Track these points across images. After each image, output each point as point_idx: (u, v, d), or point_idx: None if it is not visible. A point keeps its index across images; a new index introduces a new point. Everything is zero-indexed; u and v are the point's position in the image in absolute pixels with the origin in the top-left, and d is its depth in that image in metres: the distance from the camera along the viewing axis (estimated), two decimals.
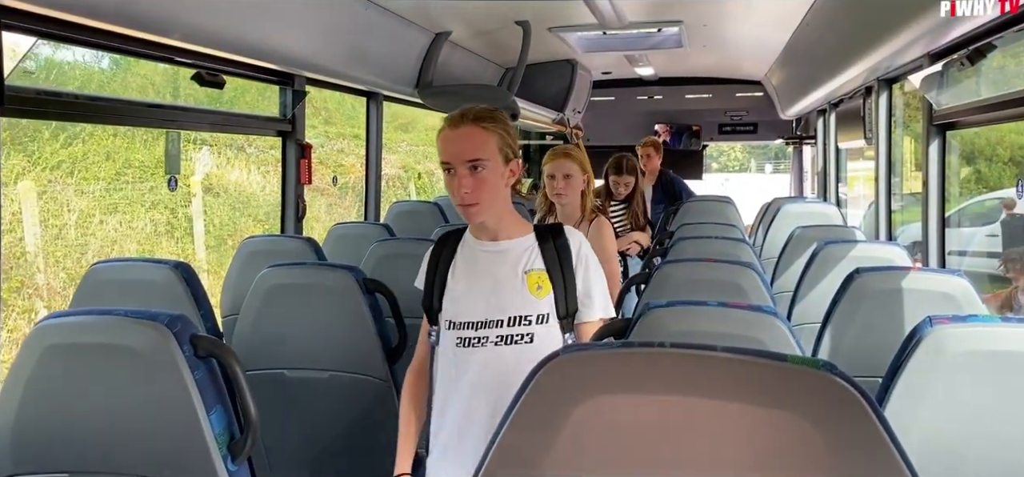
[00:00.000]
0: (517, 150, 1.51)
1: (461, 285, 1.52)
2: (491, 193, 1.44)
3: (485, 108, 1.49)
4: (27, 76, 2.10)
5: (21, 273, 4.82)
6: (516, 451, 0.72)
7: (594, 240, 2.29)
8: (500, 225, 1.51)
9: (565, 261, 1.50)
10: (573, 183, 2.43)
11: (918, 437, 1.35)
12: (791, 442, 0.66)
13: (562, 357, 0.73)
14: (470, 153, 1.42)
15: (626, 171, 3.62)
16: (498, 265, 1.50)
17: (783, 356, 0.69)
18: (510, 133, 1.50)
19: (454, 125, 1.44)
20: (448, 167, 1.44)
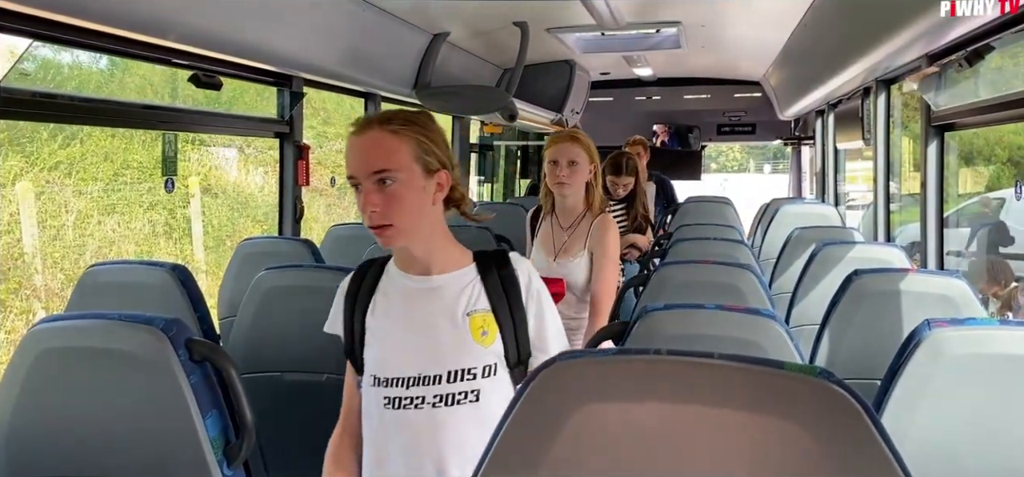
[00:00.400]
0: (447, 159, 1.25)
1: (385, 331, 1.26)
2: (409, 212, 1.20)
3: (400, 110, 1.27)
4: (24, 78, 2.10)
5: (19, 274, 4.81)
6: (511, 459, 0.72)
7: (598, 239, 2.16)
8: (431, 255, 1.25)
9: (513, 297, 1.25)
10: (578, 171, 2.20)
11: (916, 440, 1.35)
12: (788, 450, 0.66)
13: (557, 364, 0.73)
14: (377, 164, 1.18)
15: (626, 171, 3.39)
16: (432, 306, 1.24)
17: (780, 363, 0.68)
18: (432, 138, 1.23)
19: (359, 132, 1.21)
20: (354, 182, 1.21)
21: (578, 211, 2.26)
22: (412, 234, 1.22)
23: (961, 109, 2.63)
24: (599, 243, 2.19)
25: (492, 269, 1.26)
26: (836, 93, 4.40)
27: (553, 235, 2.29)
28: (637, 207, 3.43)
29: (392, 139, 1.19)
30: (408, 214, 1.20)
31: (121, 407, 1.32)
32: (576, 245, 2.22)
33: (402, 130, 1.20)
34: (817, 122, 5.59)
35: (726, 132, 6.61)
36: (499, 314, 1.24)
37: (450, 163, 1.25)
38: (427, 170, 1.22)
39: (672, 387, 0.70)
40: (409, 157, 1.20)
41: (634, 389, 0.70)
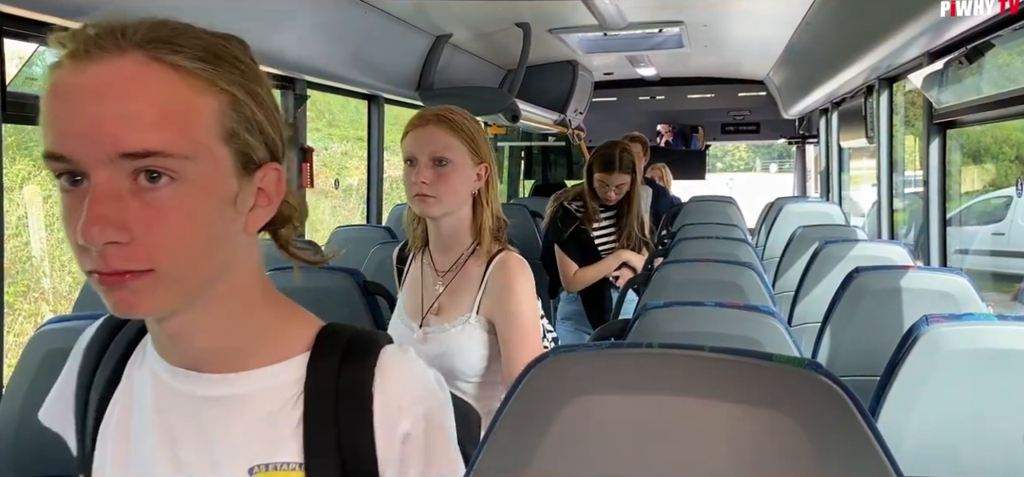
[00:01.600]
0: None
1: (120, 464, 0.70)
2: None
3: None
4: (30, 82, 2.12)
5: (27, 277, 4.85)
6: (505, 452, 0.73)
7: (499, 295, 1.38)
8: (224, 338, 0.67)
9: (357, 437, 0.65)
10: (452, 175, 1.38)
11: (915, 436, 1.36)
12: (777, 441, 0.67)
13: (551, 357, 0.74)
14: None
15: (620, 167, 2.67)
16: (205, 434, 0.67)
17: (769, 355, 0.69)
18: None
19: None
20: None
21: (461, 245, 1.43)
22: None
23: (963, 106, 2.63)
24: (501, 302, 1.38)
25: (335, 369, 0.67)
26: (839, 91, 4.40)
27: (422, 286, 1.46)
28: (632, 219, 2.78)
29: None
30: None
31: None
32: (459, 303, 1.40)
33: None
34: (821, 121, 5.59)
35: (730, 132, 6.61)
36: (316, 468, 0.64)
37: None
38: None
39: (663, 379, 0.71)
40: None
41: (627, 382, 0.72)
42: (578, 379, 0.73)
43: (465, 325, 1.41)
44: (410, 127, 1.45)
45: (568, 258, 2.78)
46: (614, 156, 2.68)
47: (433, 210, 1.41)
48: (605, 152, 2.72)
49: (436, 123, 1.42)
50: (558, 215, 2.84)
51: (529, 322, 1.40)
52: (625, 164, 2.69)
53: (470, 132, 1.43)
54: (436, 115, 1.43)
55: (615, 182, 2.71)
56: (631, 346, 0.74)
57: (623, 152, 2.72)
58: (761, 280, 2.10)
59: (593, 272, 2.76)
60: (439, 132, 1.41)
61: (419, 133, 1.43)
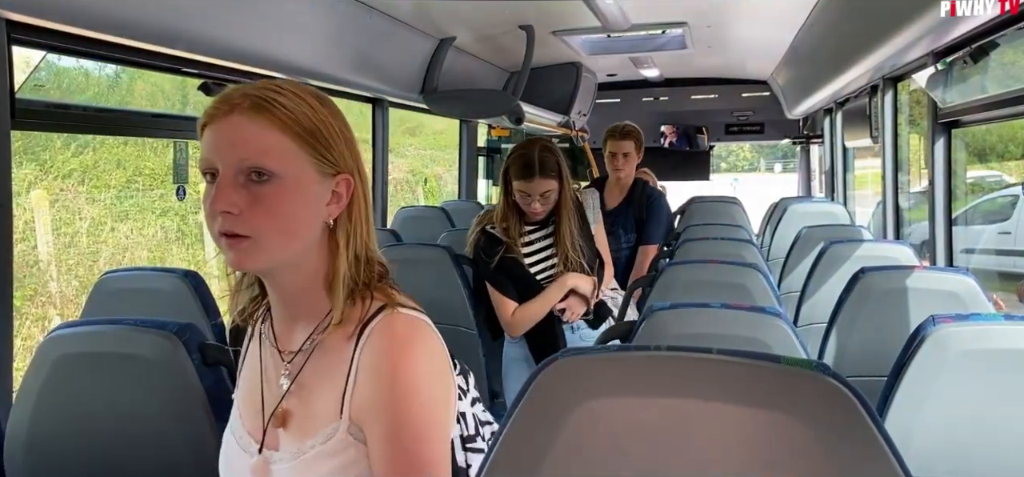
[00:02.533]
0: None
1: None
2: None
3: None
4: (38, 89, 2.14)
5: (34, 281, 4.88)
6: (515, 455, 0.73)
7: (372, 377, 0.87)
8: None
9: None
10: (276, 194, 0.88)
11: (923, 437, 1.35)
12: (786, 443, 0.67)
13: (559, 361, 0.74)
14: None
15: (543, 172, 2.13)
16: None
17: (777, 357, 0.70)
18: None
19: None
20: None
21: (314, 310, 0.95)
22: None
23: (967, 106, 2.63)
24: (375, 397, 0.88)
25: None
26: (843, 91, 4.39)
27: (262, 380, 0.97)
28: (564, 235, 2.21)
29: None
30: None
31: (136, 411, 1.35)
32: (316, 407, 0.92)
33: None
34: (825, 120, 5.58)
35: (734, 132, 6.60)
36: None
37: None
38: None
39: (672, 382, 0.71)
40: None
41: (635, 384, 0.72)
42: (586, 383, 0.73)
43: (327, 443, 0.90)
44: (207, 117, 0.90)
45: (503, 296, 2.22)
46: (532, 158, 2.10)
47: (248, 259, 0.89)
48: (521, 154, 2.12)
49: (250, 111, 0.88)
50: (481, 243, 2.23)
51: (422, 428, 0.87)
52: (548, 167, 2.11)
53: (311, 122, 0.90)
54: (246, 96, 0.88)
55: (538, 190, 2.12)
56: (639, 349, 0.75)
57: (545, 152, 2.12)
58: (767, 281, 2.10)
59: (535, 309, 2.21)
60: (254, 125, 0.87)
61: (220, 127, 0.88)
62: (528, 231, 2.24)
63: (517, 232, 2.19)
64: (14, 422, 1.38)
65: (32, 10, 1.73)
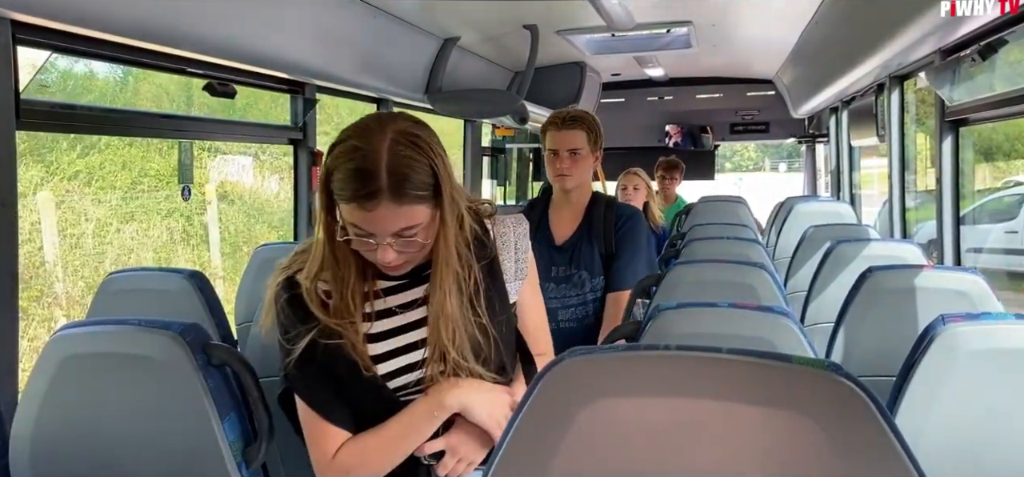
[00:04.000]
0: None
1: None
2: None
3: None
4: (43, 89, 2.14)
5: (40, 282, 4.89)
6: (522, 455, 0.73)
7: None
8: None
9: None
10: None
11: (933, 437, 1.34)
12: (797, 443, 0.66)
13: (567, 360, 0.74)
14: None
15: (396, 191, 1.09)
16: None
17: (788, 357, 0.69)
18: None
19: None
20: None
21: None
22: None
23: (975, 104, 2.61)
24: None
25: None
26: (849, 90, 4.37)
27: None
28: (441, 313, 1.18)
29: None
30: None
31: (141, 411, 1.35)
32: None
33: None
34: (830, 119, 5.56)
35: (739, 131, 6.58)
36: None
37: None
38: None
39: (681, 382, 0.70)
40: None
41: (644, 384, 0.71)
42: (594, 382, 0.72)
43: None
44: None
45: (319, 417, 1.22)
46: (374, 162, 1.10)
47: None
48: (353, 150, 1.11)
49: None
50: (281, 310, 1.21)
51: None
52: (412, 181, 1.12)
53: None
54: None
55: (389, 226, 1.12)
56: (647, 348, 0.74)
57: (404, 146, 1.13)
58: (773, 280, 2.08)
59: (381, 448, 1.22)
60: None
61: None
62: (384, 290, 1.21)
63: (354, 294, 1.17)
64: (19, 422, 1.38)
65: (37, 10, 1.73)
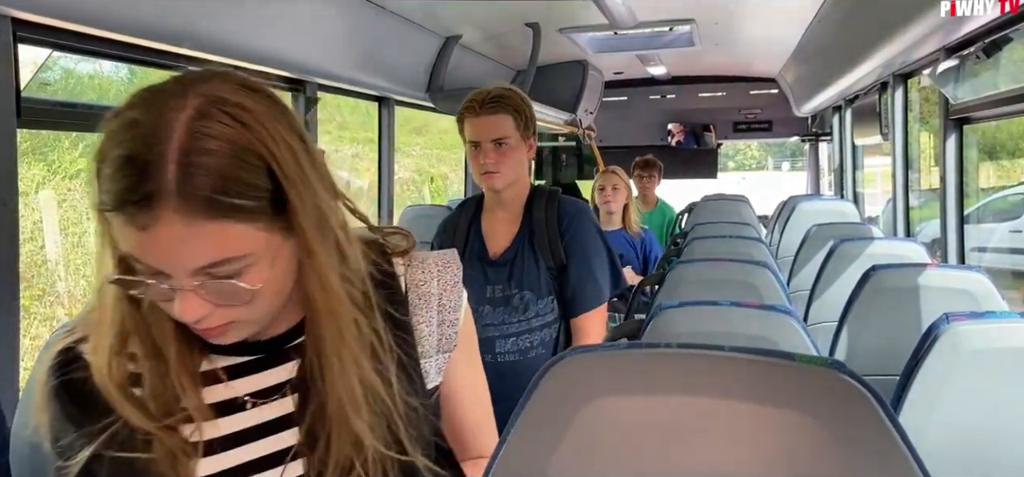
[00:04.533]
0: None
1: None
2: None
3: None
4: (44, 87, 2.14)
5: (42, 281, 4.90)
6: (522, 454, 0.72)
7: None
8: None
9: None
10: None
11: (937, 436, 1.33)
12: (800, 441, 0.66)
13: (568, 358, 0.73)
14: None
15: (215, 207, 0.65)
16: None
17: (791, 355, 0.68)
18: None
19: None
20: None
21: None
22: None
23: (979, 102, 2.60)
24: None
25: None
26: (853, 88, 4.36)
27: None
28: (330, 400, 0.73)
29: None
30: None
31: None
32: None
33: None
34: (834, 118, 5.54)
35: (742, 130, 6.57)
36: None
37: None
38: None
39: (683, 380, 0.70)
40: None
41: (645, 382, 0.71)
42: (596, 380, 0.72)
43: None
44: None
45: None
46: (145, 164, 0.65)
47: None
48: (119, 157, 0.66)
49: None
50: (52, 395, 0.78)
51: None
52: (232, 189, 0.67)
53: None
54: None
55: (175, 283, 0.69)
56: (649, 346, 0.73)
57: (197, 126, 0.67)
58: (776, 279, 2.08)
59: None
60: None
61: None
62: (226, 370, 0.79)
63: (180, 376, 0.76)
64: (20, 420, 1.37)
65: (38, 8, 1.73)
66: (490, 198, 1.83)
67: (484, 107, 1.72)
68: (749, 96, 6.37)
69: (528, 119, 1.75)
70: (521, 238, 1.77)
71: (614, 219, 3.43)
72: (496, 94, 1.72)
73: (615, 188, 3.43)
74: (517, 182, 1.77)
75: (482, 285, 1.75)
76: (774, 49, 4.89)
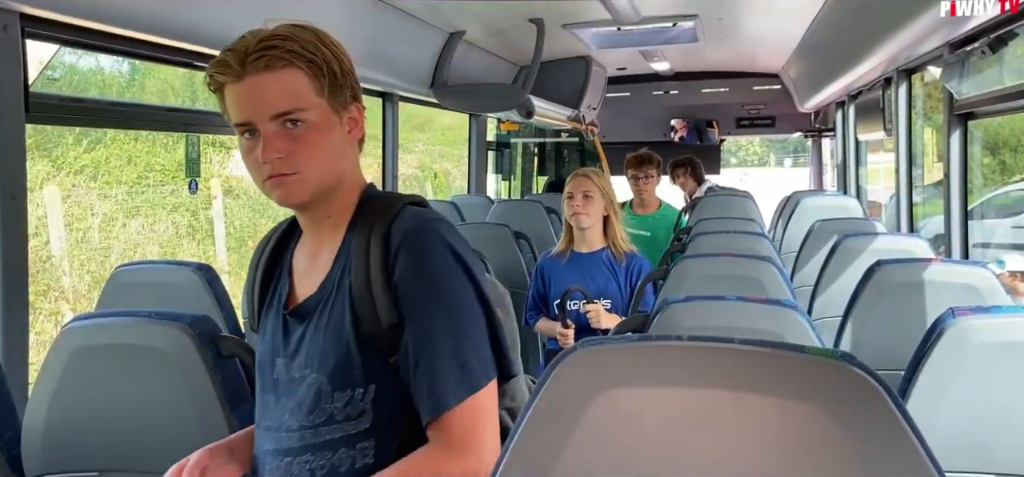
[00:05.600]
0: None
1: None
2: None
3: None
4: (52, 83, 2.15)
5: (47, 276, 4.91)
6: (534, 446, 0.73)
7: None
8: None
9: None
10: None
11: (942, 429, 1.34)
12: (810, 433, 0.66)
13: (579, 351, 0.74)
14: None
15: None
16: None
17: (801, 347, 0.69)
18: None
19: None
20: None
21: None
22: None
23: (984, 97, 2.60)
24: None
25: None
26: (856, 84, 4.35)
27: None
28: None
29: None
30: None
31: (152, 403, 1.35)
32: None
33: None
34: (837, 114, 5.54)
35: (745, 126, 6.56)
36: None
37: None
38: None
39: (694, 372, 0.70)
40: None
41: (656, 375, 0.71)
42: (606, 372, 0.72)
43: None
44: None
45: None
46: None
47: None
48: None
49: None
50: None
51: None
52: None
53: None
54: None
55: None
56: (660, 339, 0.74)
57: None
58: (781, 274, 2.08)
59: None
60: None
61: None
62: None
63: None
64: (31, 413, 1.38)
65: (46, 4, 1.73)
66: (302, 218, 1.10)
67: (249, 65, 0.99)
68: (752, 92, 6.37)
69: (332, 70, 1.03)
70: (332, 279, 1.06)
71: (590, 237, 2.59)
72: (267, 41, 1.00)
73: (587, 196, 2.55)
74: (327, 183, 1.04)
75: (269, 356, 1.09)
76: (777, 44, 4.88)
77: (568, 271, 2.60)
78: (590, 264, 2.61)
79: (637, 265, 2.61)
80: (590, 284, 2.53)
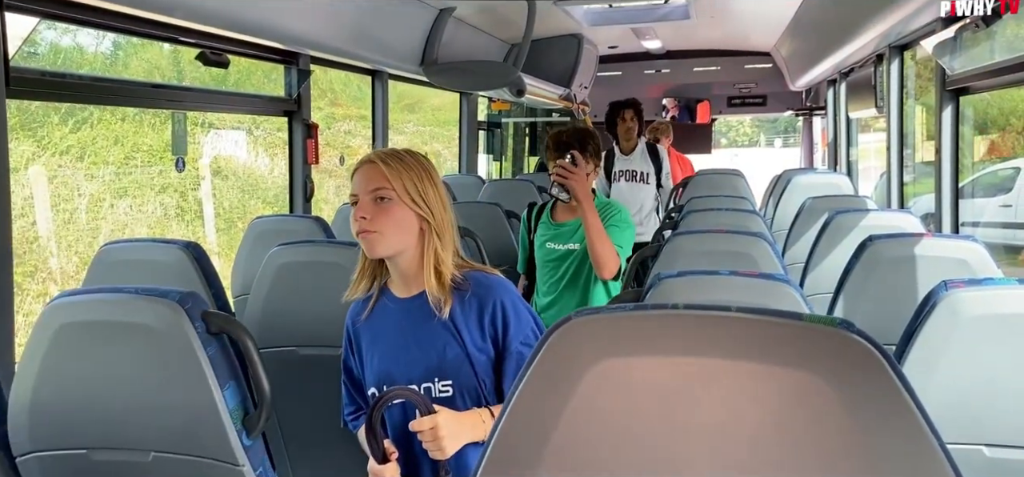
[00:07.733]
0: None
1: None
2: None
3: None
4: (32, 58, 2.10)
5: (34, 257, 4.86)
6: (529, 415, 0.72)
7: None
8: None
9: None
10: None
11: (935, 401, 1.34)
12: (808, 400, 0.66)
13: (574, 320, 0.72)
14: None
15: None
16: None
17: (799, 315, 0.68)
18: None
19: None
20: None
21: None
22: None
23: (976, 72, 2.59)
24: None
25: None
26: (848, 61, 4.35)
27: None
28: None
29: None
30: None
31: (140, 380, 1.34)
32: None
33: None
34: (829, 92, 5.54)
35: (737, 104, 6.56)
36: None
37: None
38: None
39: (690, 341, 0.69)
40: None
41: (651, 343, 0.70)
42: (602, 342, 0.71)
43: None
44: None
45: None
46: None
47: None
48: None
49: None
50: None
51: None
52: None
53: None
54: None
55: None
56: (656, 307, 0.73)
57: None
58: (772, 250, 2.08)
59: None
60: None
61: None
62: None
63: None
64: (17, 390, 1.36)
65: None
66: None
67: None
68: (744, 70, 6.36)
69: None
70: None
71: (405, 269, 1.40)
72: None
73: (381, 199, 1.27)
74: None
75: None
76: (769, 22, 4.86)
77: (377, 339, 1.45)
78: (411, 320, 1.41)
79: (496, 293, 1.39)
80: (414, 362, 1.39)
